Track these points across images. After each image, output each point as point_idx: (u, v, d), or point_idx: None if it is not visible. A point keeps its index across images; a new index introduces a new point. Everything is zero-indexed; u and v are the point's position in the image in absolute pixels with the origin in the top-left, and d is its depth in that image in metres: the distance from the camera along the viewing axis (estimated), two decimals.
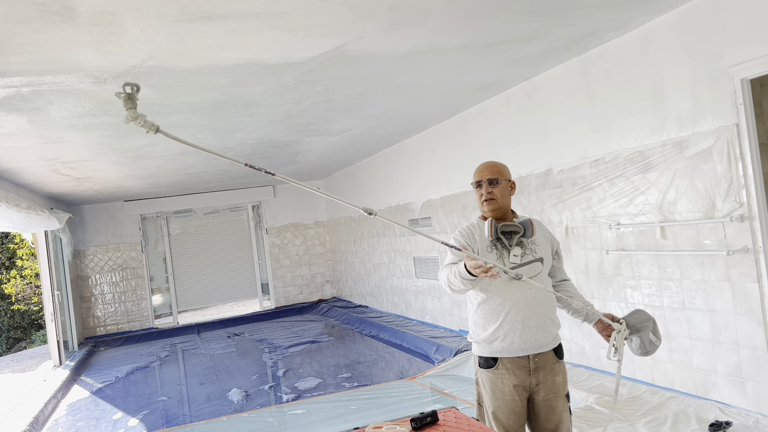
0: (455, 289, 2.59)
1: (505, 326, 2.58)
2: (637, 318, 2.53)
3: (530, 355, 2.60)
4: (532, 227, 2.68)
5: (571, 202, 5.22)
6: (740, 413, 3.83)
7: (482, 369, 2.64)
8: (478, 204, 2.77)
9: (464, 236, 2.69)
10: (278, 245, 12.56)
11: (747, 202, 3.75)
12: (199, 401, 6.43)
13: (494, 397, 2.57)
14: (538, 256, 2.70)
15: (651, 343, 2.50)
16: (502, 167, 2.76)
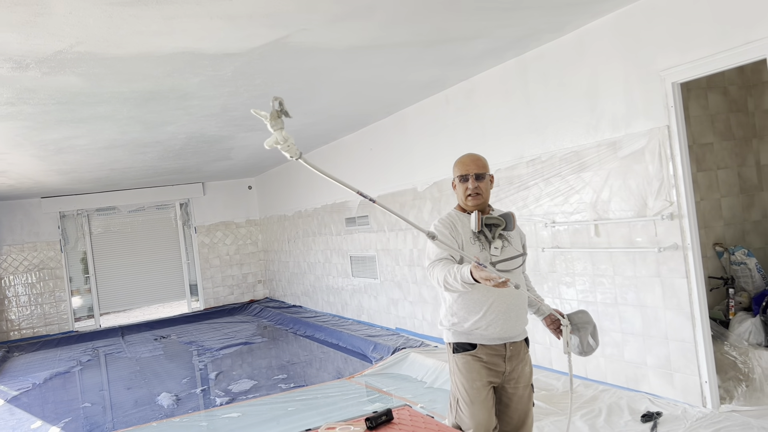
0: (451, 290, 2.52)
1: (488, 317, 2.58)
2: (580, 318, 2.58)
3: (507, 344, 2.63)
4: (514, 221, 2.69)
5: (508, 200, 5.30)
6: (669, 404, 3.99)
7: (458, 354, 2.62)
8: (459, 196, 2.74)
9: (446, 227, 2.65)
10: (208, 244, 12.20)
11: (676, 201, 3.91)
12: (126, 407, 6.13)
13: (472, 378, 2.55)
14: (519, 249, 2.73)
15: (588, 345, 2.55)
16: (486, 161, 2.76)
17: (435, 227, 2.67)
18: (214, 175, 11.06)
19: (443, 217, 2.75)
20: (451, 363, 2.66)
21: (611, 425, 3.81)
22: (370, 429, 1.97)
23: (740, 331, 4.19)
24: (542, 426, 3.88)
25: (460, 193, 2.73)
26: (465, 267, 2.37)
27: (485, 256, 2.60)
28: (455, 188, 2.76)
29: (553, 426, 3.87)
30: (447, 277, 2.45)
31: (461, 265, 2.43)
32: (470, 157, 2.75)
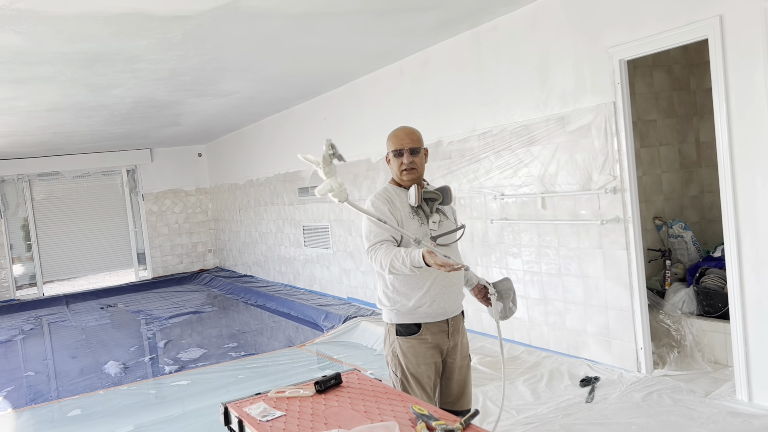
0: (397, 273, 2.46)
1: (432, 293, 2.56)
2: (504, 285, 2.63)
3: (449, 319, 2.63)
4: (450, 194, 2.70)
5: (460, 173, 5.38)
6: (607, 369, 4.19)
7: (402, 337, 2.57)
8: (393, 171, 2.68)
9: (384, 202, 2.59)
10: (156, 212, 11.95)
11: (620, 176, 4.05)
12: (72, 375, 6.03)
13: (417, 363, 2.54)
14: (456, 222, 2.75)
15: (509, 310, 2.62)
16: (420, 135, 2.70)
17: (372, 203, 2.61)
18: (163, 141, 10.79)
19: (379, 193, 2.65)
20: (392, 344, 2.61)
21: (552, 389, 3.98)
22: (319, 392, 2.02)
23: (675, 300, 4.41)
24: (486, 390, 4.02)
25: (394, 168, 2.65)
26: (415, 252, 2.33)
27: (424, 231, 2.59)
28: (389, 163, 2.69)
29: (496, 390, 4.01)
30: (394, 262, 2.40)
31: (409, 249, 2.39)
32: (404, 131, 2.67)
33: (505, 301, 2.62)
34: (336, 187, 1.99)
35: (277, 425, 1.78)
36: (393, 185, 2.70)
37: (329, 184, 1.98)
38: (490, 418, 3.62)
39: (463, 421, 1.64)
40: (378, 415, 1.78)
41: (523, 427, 3.43)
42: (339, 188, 2.01)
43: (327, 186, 2.00)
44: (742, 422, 3.22)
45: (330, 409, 1.87)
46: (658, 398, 3.64)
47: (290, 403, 1.96)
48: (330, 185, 1.98)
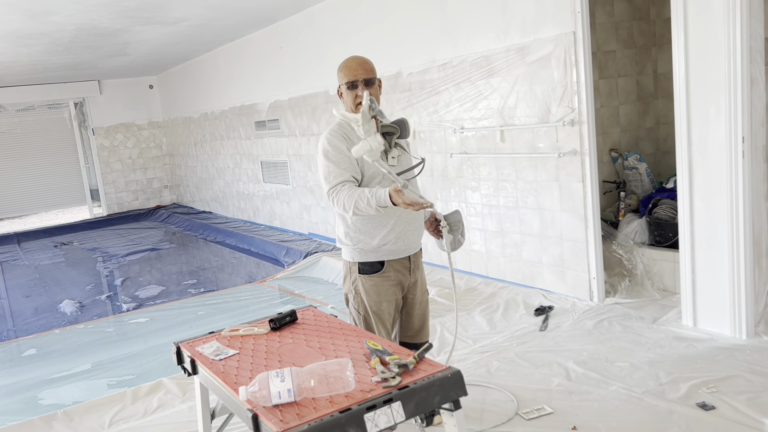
0: (361, 215, 2.39)
1: (396, 230, 2.51)
2: (454, 218, 2.61)
3: (410, 256, 2.61)
4: (408, 127, 2.60)
5: (419, 106, 5.29)
6: (560, 298, 4.30)
7: (365, 275, 2.54)
8: (347, 106, 2.52)
9: (340, 139, 2.46)
10: (108, 147, 11.55)
11: (578, 108, 4.03)
12: (26, 315, 5.93)
13: (380, 300, 2.54)
14: (414, 156, 2.69)
15: (458, 242, 2.62)
16: (373, 64, 2.56)
17: (328, 141, 2.49)
18: (111, 72, 10.31)
19: (334, 129, 2.50)
20: (354, 282, 2.58)
21: (507, 319, 4.08)
22: (274, 329, 2.00)
23: (627, 231, 4.51)
24: (444, 321, 4.10)
25: (348, 101, 2.48)
26: (380, 191, 2.26)
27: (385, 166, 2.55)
28: (341, 96, 2.55)
29: (453, 321, 4.08)
30: (358, 203, 2.33)
31: (373, 189, 2.31)
32: (356, 61, 2.51)
33: (455, 233, 2.60)
34: (375, 147, 1.87)
35: (231, 364, 1.76)
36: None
37: (369, 143, 1.86)
38: (447, 347, 3.70)
39: (416, 355, 1.65)
40: (333, 351, 1.78)
41: (479, 355, 3.52)
42: (377, 148, 1.88)
43: (366, 146, 1.88)
44: (687, 346, 3.36)
45: (284, 346, 1.86)
46: (609, 325, 3.76)
47: (244, 342, 1.94)
48: (369, 145, 1.86)
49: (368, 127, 1.82)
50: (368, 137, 1.84)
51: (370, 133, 1.84)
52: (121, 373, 4.13)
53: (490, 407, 2.93)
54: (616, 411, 2.77)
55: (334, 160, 2.46)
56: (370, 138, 1.84)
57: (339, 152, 2.47)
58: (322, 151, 2.52)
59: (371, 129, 1.82)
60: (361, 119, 1.83)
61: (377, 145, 1.85)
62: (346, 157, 2.46)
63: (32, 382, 4.12)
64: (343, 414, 1.39)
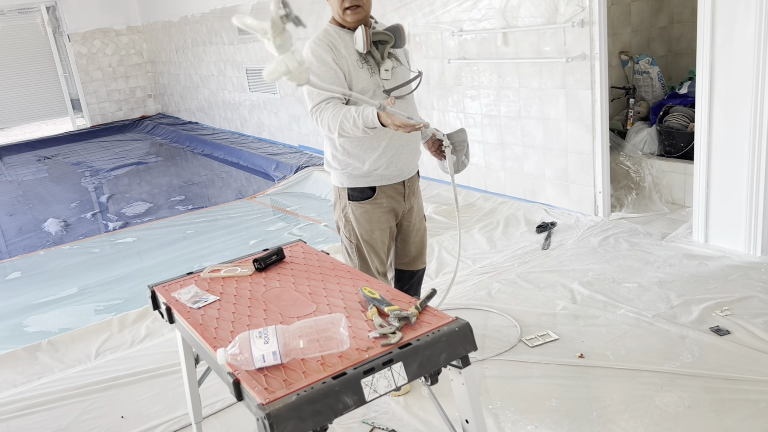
0: (347, 136, 2.15)
1: (388, 153, 2.27)
2: (459, 137, 2.36)
3: (405, 181, 2.38)
4: (403, 35, 2.28)
5: (414, 6, 4.87)
6: (563, 213, 4.12)
7: (355, 202, 2.34)
8: (334, 9, 2.22)
9: (327, 50, 2.18)
10: (86, 55, 10.94)
11: (588, 6, 3.67)
12: (9, 235, 5.74)
13: (371, 228, 2.34)
14: (411, 68, 2.39)
15: (461, 163, 2.38)
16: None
17: (312, 51, 2.20)
18: None
19: (319, 37, 2.22)
20: (345, 209, 2.38)
21: (508, 236, 3.91)
22: (259, 270, 1.80)
23: (636, 141, 4.26)
24: (442, 240, 3.93)
25: (335, 6, 2.19)
26: (368, 110, 2.00)
27: (376, 82, 2.23)
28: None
29: (451, 240, 3.92)
30: (343, 124, 2.08)
31: (360, 107, 2.05)
32: None
33: (459, 154, 2.36)
34: (294, 68, 1.36)
35: (210, 313, 1.57)
36: (334, 26, 2.27)
37: (284, 63, 1.34)
38: (446, 269, 3.55)
39: (418, 305, 1.45)
40: (324, 297, 1.58)
41: (479, 277, 3.37)
42: (299, 68, 1.38)
43: (281, 66, 1.35)
44: (698, 264, 3.21)
45: (270, 291, 1.66)
46: (615, 242, 3.60)
47: (226, 285, 1.74)
48: (285, 65, 1.34)
49: (281, 40, 1.30)
50: (282, 54, 1.33)
51: (284, 49, 1.32)
52: (108, 297, 4.00)
53: (492, 333, 2.81)
54: (624, 337, 2.65)
55: (318, 73, 2.18)
56: (285, 56, 1.33)
57: (324, 64, 2.19)
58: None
59: (285, 43, 1.31)
60: (271, 30, 1.29)
61: (295, 64, 1.35)
62: (331, 70, 2.19)
63: (17, 307, 3.99)
64: (337, 380, 1.21)
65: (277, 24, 1.28)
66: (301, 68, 1.36)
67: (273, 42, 1.30)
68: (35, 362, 3.02)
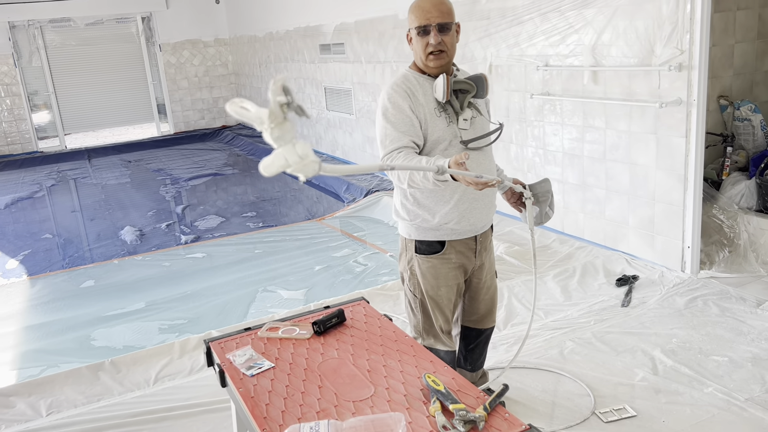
0: (417, 187, 2.04)
1: (461, 207, 2.14)
2: (542, 188, 2.19)
3: (477, 236, 2.24)
4: (486, 85, 2.15)
5: (498, 36, 4.72)
6: (646, 266, 3.84)
7: (423, 255, 2.21)
8: (417, 55, 2.13)
9: (404, 97, 2.09)
10: (174, 64, 11.37)
11: (689, 50, 3.42)
12: (89, 240, 5.95)
13: (438, 285, 2.21)
14: (490, 119, 2.26)
15: (546, 215, 2.21)
16: (451, 5, 2.11)
17: (389, 97, 2.10)
18: None
19: (397, 81, 2.13)
20: (411, 261, 2.25)
21: (584, 287, 3.68)
22: (318, 334, 1.70)
23: (732, 193, 3.94)
24: (512, 285, 3.74)
25: (418, 50, 2.10)
26: (440, 162, 1.86)
27: (453, 132, 2.11)
28: (411, 43, 2.14)
29: (523, 286, 3.73)
30: (414, 174, 1.98)
31: (432, 158, 1.93)
32: (431, 1, 2.07)
33: (542, 206, 2.20)
34: (294, 162, 1.18)
35: (263, 383, 1.48)
36: (414, 72, 2.17)
37: (283, 157, 1.16)
38: (515, 319, 3.37)
39: (487, 404, 1.31)
40: (384, 378, 1.46)
41: (551, 332, 3.17)
42: (300, 162, 1.19)
43: (280, 160, 1.17)
44: None
45: (327, 362, 1.56)
46: (704, 305, 3.31)
47: (282, 348, 1.65)
48: (285, 159, 1.16)
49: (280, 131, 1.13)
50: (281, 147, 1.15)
51: (284, 141, 1.14)
52: (173, 316, 4.03)
53: (562, 401, 2.61)
54: (712, 421, 2.39)
55: (393, 120, 2.09)
56: (285, 148, 1.15)
57: (400, 111, 2.09)
58: (381, 109, 2.14)
59: (285, 135, 1.14)
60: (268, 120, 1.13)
61: (296, 158, 1.17)
62: (407, 117, 2.09)
63: (87, 318, 4.08)
64: None
65: (275, 114, 1.12)
66: (303, 162, 1.18)
67: (271, 133, 1.14)
68: (97, 382, 3.05)
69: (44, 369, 3.42)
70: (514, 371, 2.81)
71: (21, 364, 3.55)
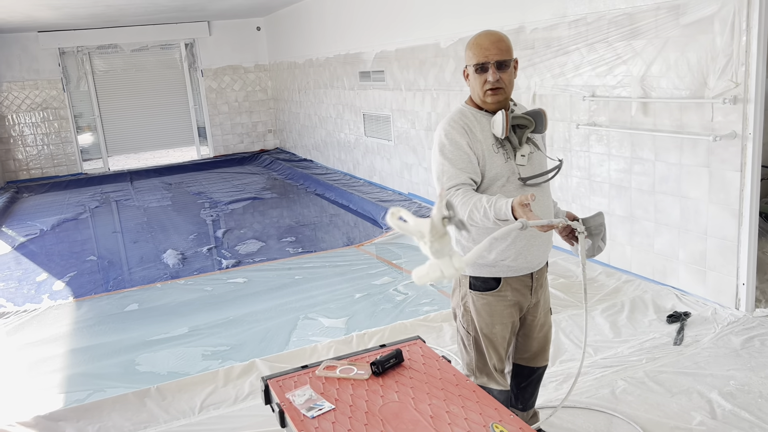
0: (476, 225, 2.01)
1: (518, 244, 2.10)
2: (595, 221, 2.13)
3: (533, 273, 2.20)
4: (545, 121, 2.14)
5: (543, 66, 4.70)
6: (698, 302, 3.73)
7: (477, 292, 2.17)
8: (474, 91, 2.13)
9: (462, 133, 2.08)
10: (215, 89, 11.62)
11: (744, 83, 3.35)
12: (132, 263, 6.04)
13: (492, 322, 2.17)
14: (548, 155, 2.23)
15: (597, 248, 2.15)
16: (509, 42, 2.10)
17: (446, 133, 2.09)
18: (220, 13, 10.21)
19: (454, 117, 2.12)
20: (464, 297, 2.21)
21: (634, 324, 3.58)
22: (376, 375, 1.68)
23: None
24: (559, 320, 3.66)
25: (476, 87, 2.09)
26: (501, 202, 1.85)
27: (510, 168, 2.09)
28: (467, 79, 2.13)
29: (570, 321, 3.65)
30: (473, 213, 1.94)
31: (493, 198, 1.91)
32: (489, 38, 2.06)
33: (595, 239, 2.15)
34: (450, 275, 1.27)
35: (325, 426, 1.46)
36: (471, 107, 2.15)
37: (439, 269, 1.24)
38: (563, 356, 3.29)
39: None
40: (447, 426, 1.43)
41: (602, 371, 3.08)
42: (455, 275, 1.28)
43: (435, 272, 1.25)
44: None
45: (388, 406, 1.53)
46: (761, 346, 3.19)
47: (341, 388, 1.63)
48: (440, 271, 1.25)
49: (440, 245, 1.19)
50: (440, 260, 1.20)
51: (441, 254, 1.20)
52: (215, 342, 4.05)
53: None
54: None
55: (451, 157, 2.07)
56: (443, 262, 1.20)
57: (457, 148, 2.07)
58: (438, 145, 2.13)
59: (444, 248, 1.19)
60: (429, 234, 1.20)
61: (452, 271, 1.23)
62: (465, 154, 2.07)
63: (132, 342, 4.12)
64: None
65: (437, 228, 1.19)
66: (457, 274, 1.25)
67: (430, 247, 1.21)
68: (143, 409, 3.06)
69: (91, 393, 3.45)
70: (565, 411, 2.74)
71: (68, 387, 3.59)
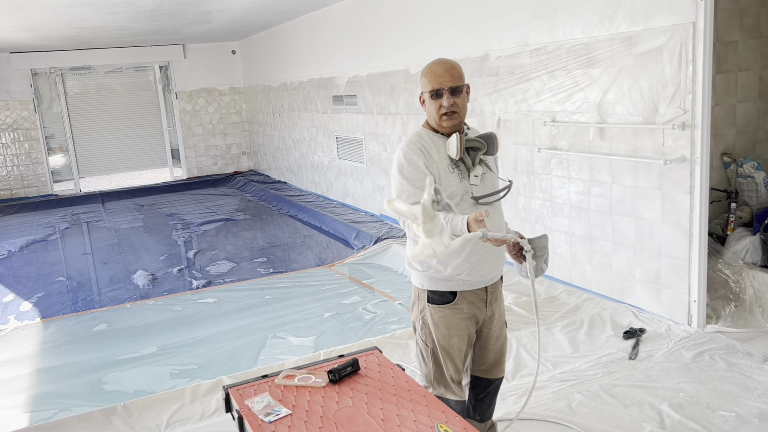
0: None
1: (472, 259, 2.22)
2: (540, 243, 2.27)
3: (488, 287, 2.32)
4: (496, 143, 2.28)
5: (507, 92, 4.88)
6: (653, 319, 3.88)
7: (435, 305, 2.28)
8: (430, 116, 2.27)
9: (419, 154, 2.21)
10: (189, 111, 11.67)
11: (692, 110, 3.55)
12: (101, 284, 6.03)
13: (449, 334, 2.27)
14: (500, 175, 2.37)
15: (541, 270, 2.28)
16: (461, 69, 2.25)
17: (404, 154, 2.23)
18: (195, 37, 10.32)
19: (412, 139, 2.24)
20: (423, 311, 2.32)
21: (592, 340, 3.71)
22: (333, 382, 1.77)
23: (737, 248, 4.00)
24: (520, 336, 3.78)
25: (432, 111, 2.23)
26: (457, 219, 1.97)
27: (464, 187, 2.22)
28: (424, 105, 2.28)
29: (531, 337, 3.76)
30: None
31: (449, 215, 2.01)
32: (443, 66, 2.20)
33: (539, 260, 2.27)
34: (441, 251, 1.48)
35: (281, 429, 1.54)
36: (428, 130, 2.29)
37: (431, 247, 1.45)
38: (524, 370, 3.40)
39: None
40: (397, 427, 1.52)
41: (559, 384, 3.19)
42: (444, 251, 1.49)
43: (428, 250, 1.46)
44: None
45: (343, 410, 1.62)
46: (710, 360, 3.34)
47: (299, 396, 1.71)
48: (432, 249, 1.45)
49: (431, 225, 1.38)
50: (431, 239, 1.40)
51: (432, 234, 1.40)
52: (184, 361, 4.08)
53: None
54: None
55: (409, 177, 2.20)
56: (434, 240, 1.40)
57: (415, 168, 2.20)
58: (396, 165, 2.25)
59: (435, 228, 1.38)
60: (422, 216, 1.40)
61: (442, 248, 1.44)
62: (422, 174, 2.19)
63: (99, 362, 4.13)
64: None
65: (428, 210, 1.38)
66: (447, 250, 1.45)
67: (423, 227, 1.41)
68: (109, 426, 3.08)
69: (56, 412, 3.46)
70: (523, 423, 2.84)
71: (33, 406, 3.59)
